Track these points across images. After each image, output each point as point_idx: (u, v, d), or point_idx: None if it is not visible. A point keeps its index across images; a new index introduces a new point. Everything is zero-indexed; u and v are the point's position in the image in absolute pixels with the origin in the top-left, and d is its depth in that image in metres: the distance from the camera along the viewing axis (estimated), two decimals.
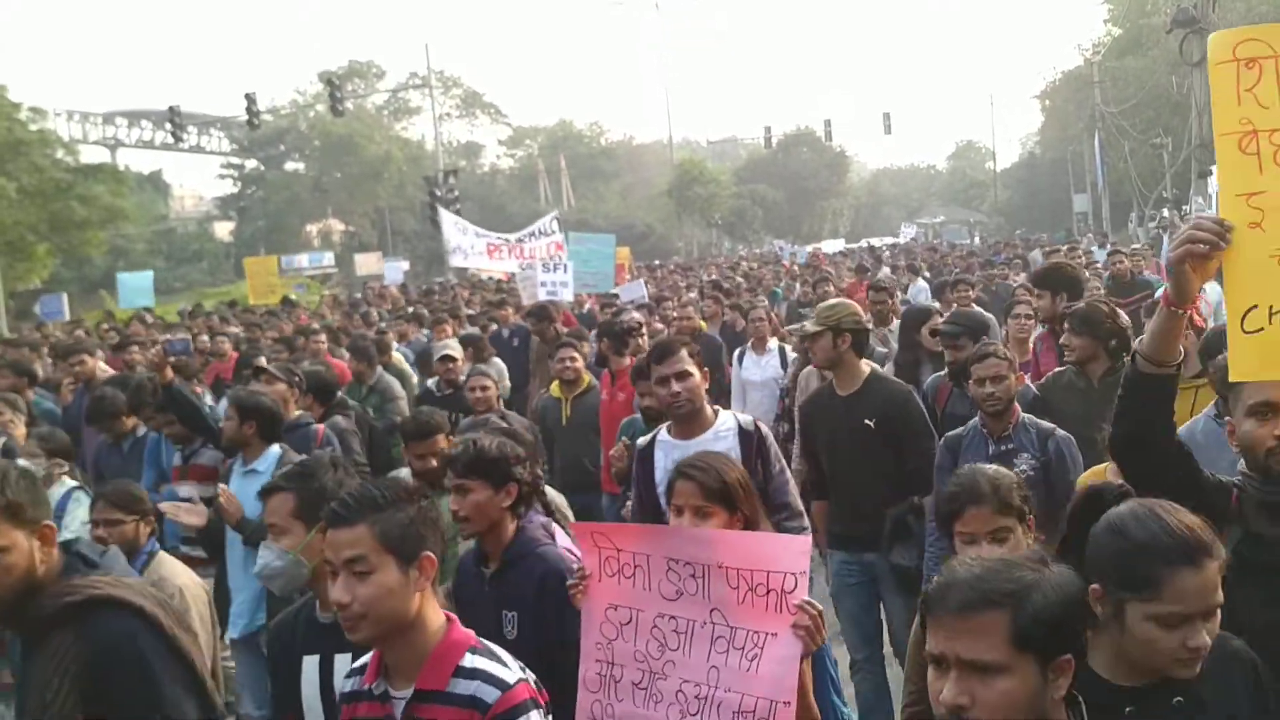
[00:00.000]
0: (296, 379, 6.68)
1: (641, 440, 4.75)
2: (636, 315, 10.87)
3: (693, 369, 4.43)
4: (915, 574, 4.86)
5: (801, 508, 4.51)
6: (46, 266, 35.15)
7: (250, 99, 35.29)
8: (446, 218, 16.83)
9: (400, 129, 70.83)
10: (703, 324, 11.58)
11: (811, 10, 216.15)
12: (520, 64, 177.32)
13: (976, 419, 5.05)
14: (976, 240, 49.55)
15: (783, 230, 63.89)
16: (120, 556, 2.91)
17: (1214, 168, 22.94)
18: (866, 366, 5.49)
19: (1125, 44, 43.83)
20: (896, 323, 8.53)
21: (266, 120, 55.68)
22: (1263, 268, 2.47)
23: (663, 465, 4.35)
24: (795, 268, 26.59)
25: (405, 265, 45.06)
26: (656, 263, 43.03)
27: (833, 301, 5.84)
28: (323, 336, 11.36)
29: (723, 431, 4.45)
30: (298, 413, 6.47)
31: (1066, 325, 5.85)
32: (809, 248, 48.72)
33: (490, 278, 23.92)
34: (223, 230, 69.61)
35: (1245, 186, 2.51)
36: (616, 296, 15.52)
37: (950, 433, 5.21)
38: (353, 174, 62.93)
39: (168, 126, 37.11)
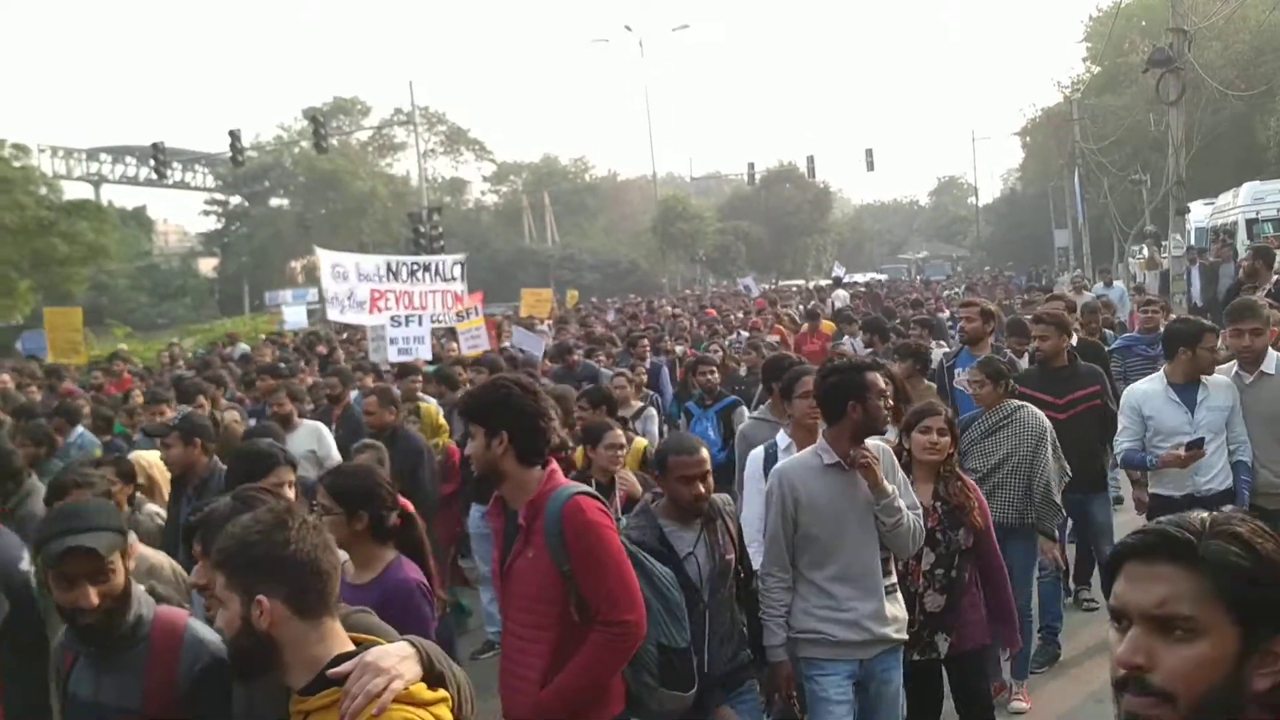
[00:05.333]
0: None
1: None
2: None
3: None
4: None
5: None
6: (28, 303, 35.02)
7: (234, 135, 35.26)
8: (325, 259, 13.72)
9: (385, 165, 70.98)
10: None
11: (795, 47, 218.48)
12: (505, 101, 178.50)
13: None
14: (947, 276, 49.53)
15: (766, 266, 64.03)
16: None
17: (1191, 204, 23.11)
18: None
19: (1104, 81, 44.31)
20: None
21: (251, 156, 55.81)
22: None
23: None
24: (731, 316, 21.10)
25: (305, 305, 37.75)
26: (593, 299, 42.97)
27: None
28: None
29: None
30: None
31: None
32: (803, 283, 48.89)
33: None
34: (206, 266, 69.54)
35: None
36: (522, 351, 13.22)
37: None
38: (337, 210, 62.94)
39: (152, 163, 36.98)
